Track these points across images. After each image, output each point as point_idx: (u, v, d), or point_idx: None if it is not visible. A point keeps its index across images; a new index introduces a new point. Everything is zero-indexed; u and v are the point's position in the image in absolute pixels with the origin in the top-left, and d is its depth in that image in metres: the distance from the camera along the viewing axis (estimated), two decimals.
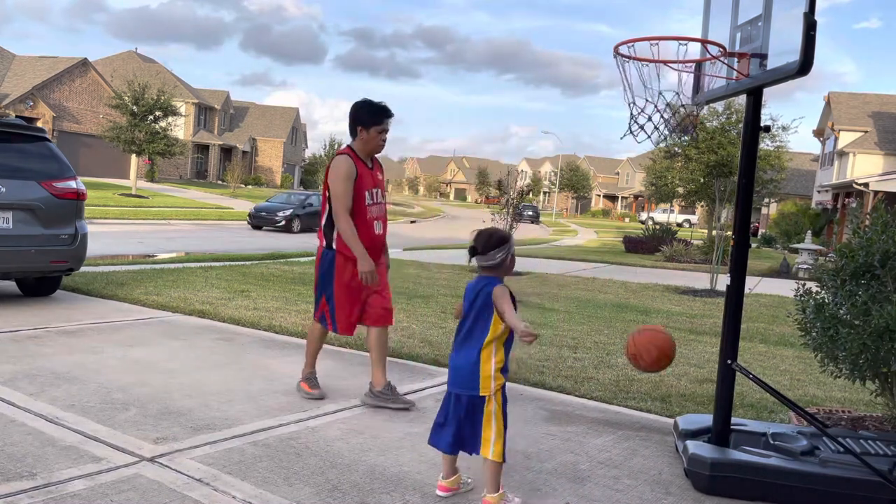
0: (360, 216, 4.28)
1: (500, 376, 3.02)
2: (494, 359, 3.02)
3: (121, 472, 3.16)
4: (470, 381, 3.02)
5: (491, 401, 3.00)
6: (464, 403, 3.04)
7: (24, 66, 42.68)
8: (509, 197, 14.07)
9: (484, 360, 3.01)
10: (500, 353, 3.04)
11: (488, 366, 3.01)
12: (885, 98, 33.83)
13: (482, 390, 3.00)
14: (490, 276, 3.10)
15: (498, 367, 3.02)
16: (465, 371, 3.04)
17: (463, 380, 3.05)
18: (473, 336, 3.06)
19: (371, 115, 4.28)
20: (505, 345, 3.07)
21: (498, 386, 3.01)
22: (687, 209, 48.98)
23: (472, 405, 3.03)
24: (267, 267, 11.33)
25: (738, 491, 3.37)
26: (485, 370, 3.01)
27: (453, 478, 3.17)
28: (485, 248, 3.08)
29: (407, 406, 4.37)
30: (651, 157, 27.12)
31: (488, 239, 3.10)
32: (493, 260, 3.07)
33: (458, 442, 3.07)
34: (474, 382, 3.01)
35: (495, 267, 3.09)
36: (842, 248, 3.97)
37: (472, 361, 3.03)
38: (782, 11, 3.34)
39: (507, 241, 3.11)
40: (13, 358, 4.92)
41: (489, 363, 3.01)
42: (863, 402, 5.09)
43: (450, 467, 3.17)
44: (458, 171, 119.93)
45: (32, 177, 6.71)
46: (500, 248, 3.07)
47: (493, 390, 3.00)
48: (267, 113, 66.69)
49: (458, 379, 3.07)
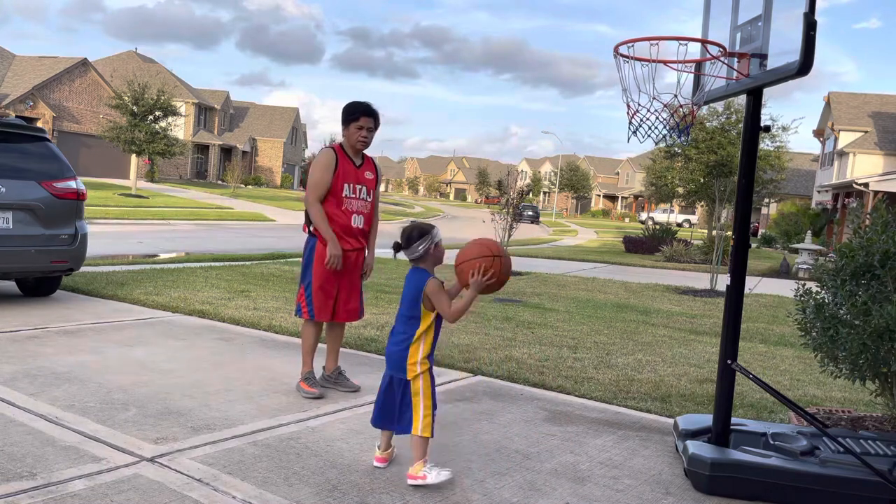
0: (336, 205, 4.47)
1: (426, 362, 3.28)
2: (422, 348, 3.27)
3: (121, 472, 3.16)
4: (399, 366, 3.29)
5: (418, 380, 3.25)
6: (394, 385, 3.30)
7: (24, 66, 42.67)
8: (509, 197, 14.08)
9: (413, 350, 3.27)
10: (428, 342, 3.28)
11: (416, 354, 3.27)
12: (885, 98, 33.82)
13: (409, 374, 3.26)
14: (420, 268, 3.32)
15: (424, 355, 3.28)
16: (395, 357, 3.31)
17: (394, 364, 3.32)
18: (405, 326, 3.30)
19: (348, 114, 4.51)
20: (434, 333, 3.30)
21: (424, 369, 3.26)
22: (687, 209, 48.99)
23: (401, 386, 3.29)
24: (267, 267, 11.33)
25: (737, 491, 3.37)
26: (412, 357, 3.27)
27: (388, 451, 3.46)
28: (407, 242, 3.32)
29: (355, 390, 4.66)
30: (651, 157, 27.15)
31: (410, 233, 3.33)
32: (416, 252, 3.30)
33: (384, 417, 3.35)
34: (402, 368, 3.28)
35: (421, 258, 3.31)
36: (842, 248, 3.97)
37: (402, 349, 3.28)
38: (782, 11, 3.34)
39: (428, 233, 3.31)
40: (13, 358, 4.93)
41: (417, 352, 3.27)
42: (863, 402, 5.09)
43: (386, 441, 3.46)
44: (458, 171, 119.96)
45: (32, 177, 6.71)
46: (422, 240, 3.29)
47: (419, 373, 3.25)
48: (267, 113, 66.70)
49: (389, 363, 3.35)
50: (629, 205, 77.53)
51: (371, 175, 4.61)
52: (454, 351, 6.03)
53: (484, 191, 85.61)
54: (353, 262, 4.55)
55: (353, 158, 4.54)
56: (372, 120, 4.48)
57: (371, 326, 6.79)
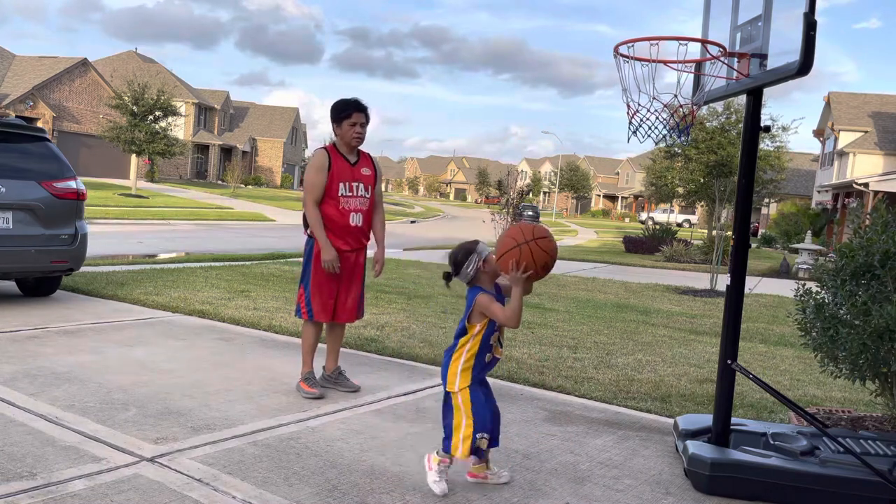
0: (333, 206, 4.45)
1: (467, 378, 3.20)
2: (463, 359, 3.21)
3: (121, 472, 3.16)
4: (443, 375, 3.28)
5: (457, 396, 3.20)
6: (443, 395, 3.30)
7: (24, 66, 42.66)
8: (509, 197, 14.09)
9: (454, 361, 3.23)
10: (471, 354, 3.20)
11: (456, 364, 3.22)
12: (885, 98, 33.82)
13: (448, 385, 3.23)
14: (475, 286, 3.25)
15: (464, 368, 3.20)
16: (442, 367, 3.31)
17: (442, 373, 3.30)
18: (455, 340, 3.27)
19: (339, 112, 4.48)
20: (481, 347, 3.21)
21: (463, 385, 3.20)
22: (687, 209, 48.98)
23: (445, 397, 3.27)
24: (267, 267, 11.33)
25: (737, 491, 3.37)
26: (451, 368, 3.23)
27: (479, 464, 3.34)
28: (456, 268, 3.26)
29: (355, 390, 4.66)
30: (651, 157, 27.14)
31: (456, 257, 3.27)
32: (468, 275, 3.23)
33: None
34: (444, 377, 3.27)
35: (475, 278, 3.24)
36: (842, 248, 3.97)
37: (446, 360, 3.27)
38: (782, 11, 3.34)
39: (472, 251, 3.23)
40: (13, 358, 4.93)
41: (457, 363, 3.22)
42: (863, 402, 5.09)
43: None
44: (458, 171, 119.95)
45: (32, 177, 6.71)
46: (468, 261, 3.22)
47: (457, 388, 3.20)
48: (267, 113, 66.69)
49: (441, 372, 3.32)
50: (629, 205, 77.52)
51: (368, 171, 4.58)
52: None
53: (484, 191, 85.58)
54: (352, 262, 4.54)
55: (348, 156, 4.51)
56: (364, 115, 4.47)
57: (371, 326, 6.79)
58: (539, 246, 3.03)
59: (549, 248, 3.06)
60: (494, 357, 3.28)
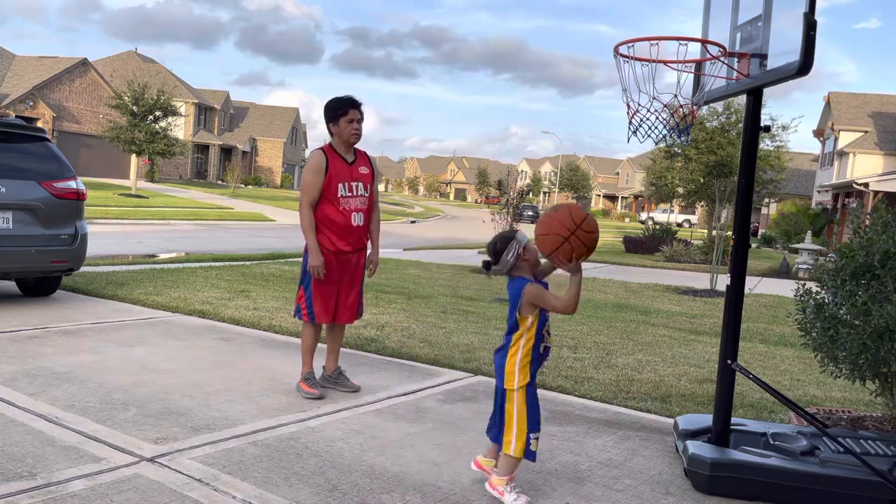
0: (333, 207, 4.42)
1: (525, 375, 3.14)
2: (521, 353, 3.14)
3: (121, 472, 3.16)
4: (499, 373, 3.21)
5: (513, 394, 3.13)
6: (497, 394, 3.24)
7: (24, 66, 42.66)
8: (509, 197, 14.08)
9: (511, 355, 3.16)
10: (527, 348, 3.14)
11: (513, 361, 3.15)
12: (885, 98, 33.82)
13: (506, 382, 3.16)
14: (517, 276, 3.18)
15: (523, 364, 3.14)
16: (497, 365, 3.23)
17: (497, 373, 3.23)
18: (507, 337, 3.21)
19: (335, 110, 4.44)
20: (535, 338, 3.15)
21: (522, 384, 3.13)
22: (687, 209, 48.97)
23: (500, 394, 3.21)
24: (267, 267, 11.33)
25: (737, 491, 3.37)
26: (510, 364, 3.16)
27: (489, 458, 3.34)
28: (496, 256, 3.19)
29: (355, 390, 4.64)
30: (651, 157, 27.13)
31: (494, 245, 3.21)
32: (507, 263, 3.16)
33: (492, 426, 3.30)
34: (501, 375, 3.19)
35: (514, 267, 3.17)
36: (842, 248, 3.97)
37: (502, 356, 3.20)
38: (782, 11, 3.34)
39: (511, 239, 3.19)
40: (13, 358, 4.93)
41: (515, 357, 3.15)
42: (863, 402, 5.09)
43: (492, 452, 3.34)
44: (458, 171, 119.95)
45: (32, 177, 6.71)
46: (508, 249, 3.15)
47: (515, 385, 3.13)
48: (267, 113, 66.68)
49: (496, 371, 3.25)
50: (629, 205, 77.54)
51: (366, 170, 4.56)
52: (454, 351, 6.03)
53: (484, 191, 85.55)
54: (353, 263, 4.53)
55: (345, 156, 4.49)
56: (359, 111, 4.45)
57: (371, 326, 6.79)
58: (584, 231, 3.02)
59: (592, 229, 3.05)
60: (547, 346, 3.23)
